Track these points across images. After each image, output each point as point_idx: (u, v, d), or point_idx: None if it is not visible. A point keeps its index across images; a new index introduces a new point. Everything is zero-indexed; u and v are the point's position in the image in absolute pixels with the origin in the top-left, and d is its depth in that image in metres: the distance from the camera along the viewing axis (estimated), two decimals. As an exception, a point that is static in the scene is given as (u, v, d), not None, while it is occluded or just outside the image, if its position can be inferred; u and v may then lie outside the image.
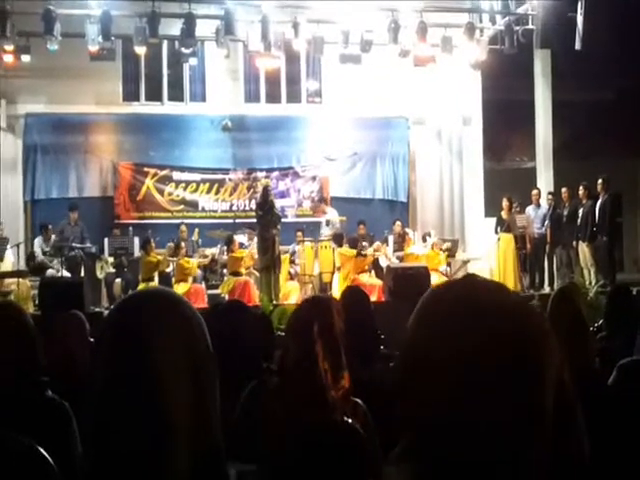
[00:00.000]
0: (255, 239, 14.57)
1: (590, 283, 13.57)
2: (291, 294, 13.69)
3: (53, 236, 14.31)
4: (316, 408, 2.45)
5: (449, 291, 1.15)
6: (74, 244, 14.18)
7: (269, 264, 12.86)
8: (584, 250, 14.20)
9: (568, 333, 3.40)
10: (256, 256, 13.52)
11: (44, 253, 14.17)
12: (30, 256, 14.23)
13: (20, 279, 12.89)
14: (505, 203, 14.73)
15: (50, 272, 13.71)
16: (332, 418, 2.46)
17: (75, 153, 16.55)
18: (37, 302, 12.11)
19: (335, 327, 2.57)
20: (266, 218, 13.04)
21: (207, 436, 1.31)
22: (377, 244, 14.59)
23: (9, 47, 13.91)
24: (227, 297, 12.60)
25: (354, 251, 13.96)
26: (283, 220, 13.99)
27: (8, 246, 13.84)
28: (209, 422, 1.32)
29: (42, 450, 2.05)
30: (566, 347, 3.43)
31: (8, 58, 14.23)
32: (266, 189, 13.64)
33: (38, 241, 14.45)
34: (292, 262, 14.80)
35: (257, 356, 3.26)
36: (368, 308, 3.99)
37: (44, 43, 13.58)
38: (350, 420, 2.48)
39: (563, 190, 14.89)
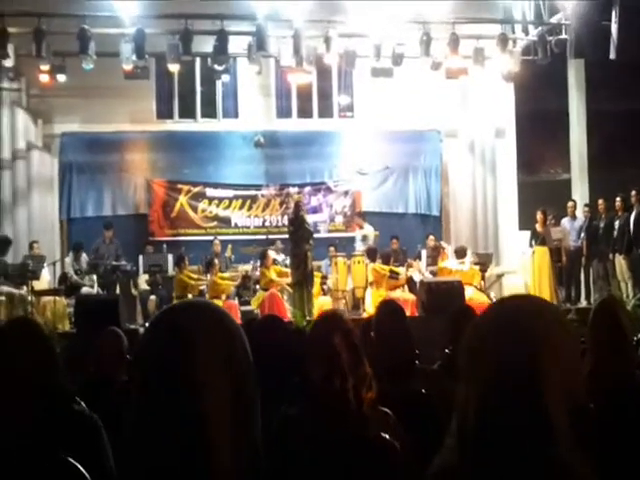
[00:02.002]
0: (282, 255, 14.67)
1: (627, 296, 13.36)
2: (324, 309, 13.62)
3: (84, 255, 14.41)
4: (349, 424, 2.40)
5: (494, 315, 1.38)
6: (109, 262, 14.28)
7: (301, 279, 12.84)
8: (620, 263, 14.00)
9: (610, 345, 3.34)
10: (287, 271, 13.55)
11: (76, 272, 14.27)
12: (62, 277, 14.31)
13: (56, 297, 12.99)
14: (539, 216, 14.57)
15: (85, 290, 13.81)
16: (367, 434, 2.42)
17: (110, 171, 16.70)
18: (73, 319, 12.19)
19: (355, 339, 2.52)
20: (297, 234, 13.03)
21: (247, 452, 1.28)
22: (409, 261, 14.52)
23: (45, 67, 14.10)
24: (259, 312, 12.62)
25: (387, 268, 13.89)
26: (316, 235, 13.98)
27: (45, 264, 13.96)
28: (250, 438, 1.30)
29: (75, 463, 2.02)
30: (608, 359, 3.36)
31: (44, 78, 14.42)
32: (298, 205, 13.65)
33: (69, 260, 14.58)
34: (324, 277, 14.76)
35: (296, 369, 3.22)
36: (403, 322, 3.93)
37: (79, 62, 13.74)
38: (384, 434, 2.44)
39: (599, 202, 14.68)
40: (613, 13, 14.19)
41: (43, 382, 2.43)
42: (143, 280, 14.44)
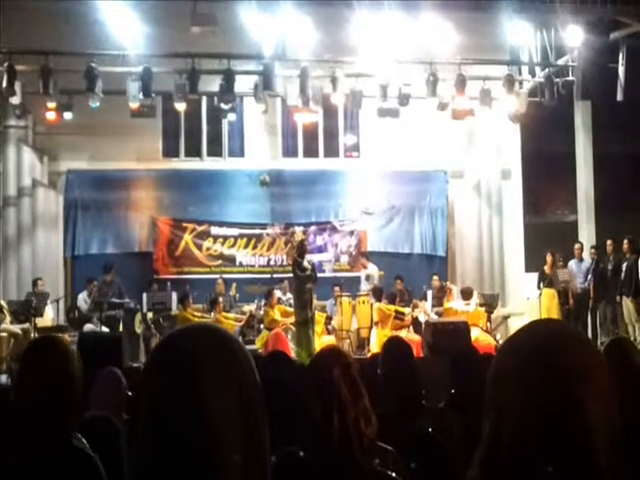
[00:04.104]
0: (288, 294, 14.59)
1: (635, 339, 13.21)
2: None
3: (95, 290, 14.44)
4: (350, 458, 2.32)
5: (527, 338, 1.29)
6: (113, 299, 14.22)
7: (306, 319, 12.71)
8: (628, 305, 13.87)
9: (624, 385, 3.22)
10: (292, 310, 13.48)
11: (88, 308, 14.29)
12: (71, 308, 14.30)
13: (60, 334, 12.88)
14: (549, 258, 14.52)
15: (89, 327, 13.73)
16: (368, 468, 2.35)
17: (115, 209, 16.69)
18: (75, 357, 12.06)
19: (354, 372, 2.45)
20: (303, 273, 12.92)
21: (257, 475, 1.24)
22: (415, 302, 14.43)
23: (52, 104, 14.14)
24: (263, 352, 12.49)
25: (393, 307, 13.80)
26: (320, 275, 13.91)
27: (48, 301, 13.90)
28: (260, 465, 1.25)
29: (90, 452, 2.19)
30: (621, 400, 3.25)
31: (51, 115, 14.46)
32: (302, 243, 13.58)
33: (82, 296, 14.59)
34: (329, 317, 14.66)
35: (301, 408, 3.13)
36: (410, 360, 3.83)
37: (86, 100, 13.80)
38: (386, 469, 2.36)
39: (608, 243, 14.59)
40: (620, 55, 14.27)
41: (56, 408, 2.50)
42: (147, 318, 14.33)
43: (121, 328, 13.90)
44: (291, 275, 13.74)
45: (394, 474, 2.37)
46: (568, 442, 1.14)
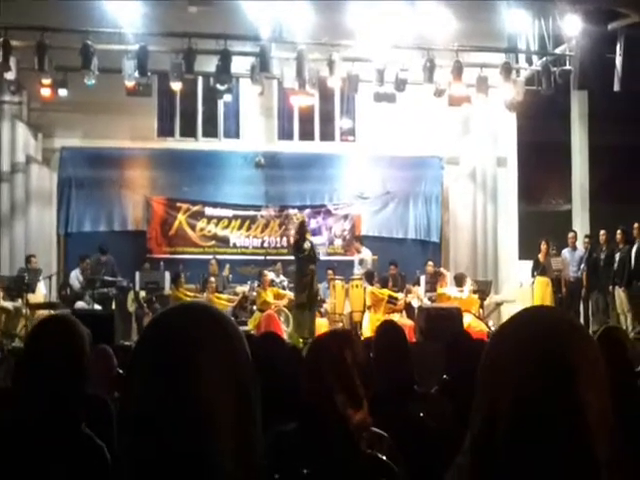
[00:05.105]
0: (282, 276, 14.58)
1: (626, 329, 13.26)
2: (320, 332, 13.54)
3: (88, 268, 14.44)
4: (341, 441, 2.33)
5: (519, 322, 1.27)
6: (106, 277, 14.23)
7: (305, 302, 12.68)
8: (620, 295, 13.91)
9: (615, 374, 3.23)
10: (285, 293, 13.47)
11: (80, 285, 14.27)
12: (63, 285, 14.29)
13: (51, 311, 12.87)
14: (543, 246, 14.54)
15: (80, 304, 13.72)
16: (359, 451, 2.35)
17: (109, 187, 16.63)
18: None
19: (346, 359, 2.44)
20: (304, 254, 12.87)
21: (250, 458, 1.22)
22: (408, 287, 14.44)
23: (47, 81, 14.07)
24: (255, 333, 12.50)
25: (386, 292, 13.82)
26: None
27: (41, 277, 13.88)
28: (252, 443, 1.23)
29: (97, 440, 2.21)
30: (613, 390, 3.26)
31: (45, 92, 14.39)
32: (302, 225, 13.53)
33: (75, 273, 14.56)
34: (322, 300, 14.66)
35: (291, 388, 3.13)
36: (403, 344, 3.83)
37: (81, 78, 13.73)
38: (379, 454, 2.36)
39: (601, 233, 14.60)
40: (618, 45, 14.22)
41: (63, 393, 2.38)
42: (139, 297, 14.32)
43: (114, 306, 13.91)
44: (284, 257, 13.75)
45: (385, 459, 2.38)
46: (564, 429, 1.13)
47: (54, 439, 2.28)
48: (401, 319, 13.59)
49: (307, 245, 12.83)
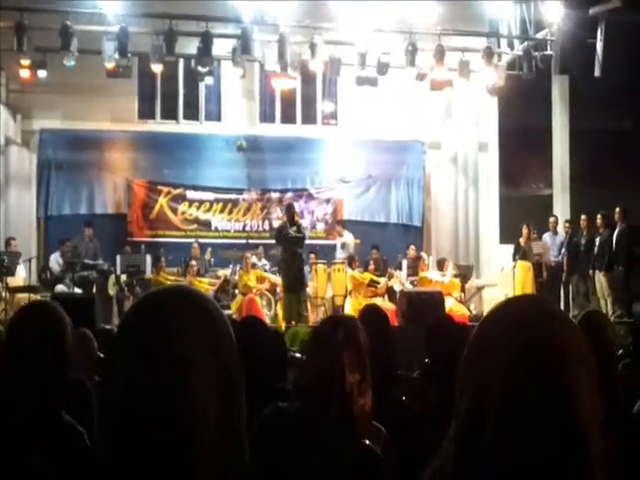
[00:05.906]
0: (264, 260, 14.57)
1: (606, 313, 13.35)
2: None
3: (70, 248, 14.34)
4: (342, 425, 2.31)
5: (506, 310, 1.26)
6: (86, 261, 14.14)
7: (290, 285, 12.67)
8: (600, 280, 14.00)
9: (596, 358, 3.24)
10: (267, 276, 13.45)
11: (60, 269, 14.17)
12: (43, 269, 14.19)
13: (31, 294, 12.80)
14: (524, 230, 14.59)
15: (60, 287, 13.64)
16: (355, 440, 2.34)
17: (89, 170, 16.51)
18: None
19: (361, 341, 2.44)
20: (293, 236, 12.84)
21: (233, 445, 1.20)
22: (390, 271, 14.47)
23: (25, 62, 13.91)
24: (237, 316, 12.50)
25: (367, 275, 13.84)
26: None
27: (20, 261, 13.77)
28: (236, 431, 1.21)
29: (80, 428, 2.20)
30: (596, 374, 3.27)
31: (24, 73, 14.22)
32: (291, 207, 13.49)
33: (55, 256, 14.44)
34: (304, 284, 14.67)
35: (275, 372, 3.12)
36: (386, 328, 3.83)
37: (61, 59, 13.59)
38: (374, 445, 2.35)
39: (582, 218, 14.66)
40: (599, 31, 14.27)
41: (46, 382, 2.36)
42: (120, 280, 14.26)
43: (94, 290, 13.84)
44: (266, 241, 13.72)
45: (380, 451, 2.37)
46: (554, 416, 1.13)
47: (35, 427, 2.25)
48: (383, 303, 13.61)
49: (293, 229, 12.83)
